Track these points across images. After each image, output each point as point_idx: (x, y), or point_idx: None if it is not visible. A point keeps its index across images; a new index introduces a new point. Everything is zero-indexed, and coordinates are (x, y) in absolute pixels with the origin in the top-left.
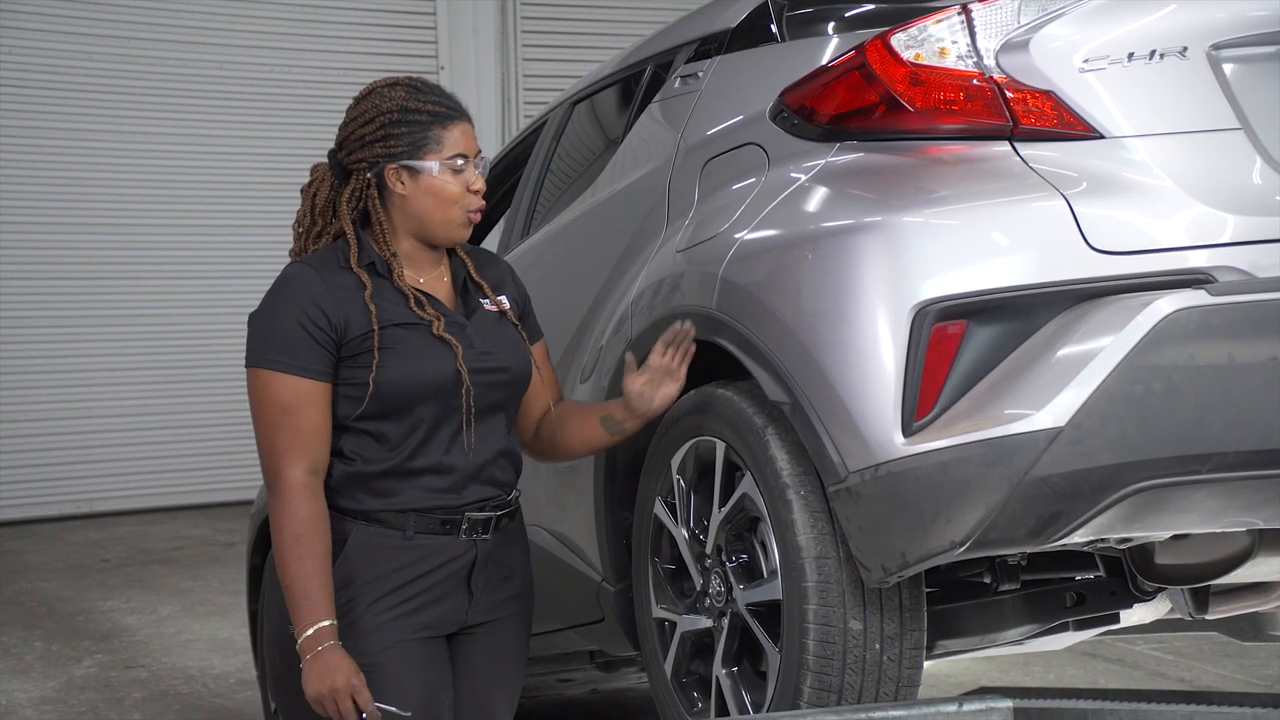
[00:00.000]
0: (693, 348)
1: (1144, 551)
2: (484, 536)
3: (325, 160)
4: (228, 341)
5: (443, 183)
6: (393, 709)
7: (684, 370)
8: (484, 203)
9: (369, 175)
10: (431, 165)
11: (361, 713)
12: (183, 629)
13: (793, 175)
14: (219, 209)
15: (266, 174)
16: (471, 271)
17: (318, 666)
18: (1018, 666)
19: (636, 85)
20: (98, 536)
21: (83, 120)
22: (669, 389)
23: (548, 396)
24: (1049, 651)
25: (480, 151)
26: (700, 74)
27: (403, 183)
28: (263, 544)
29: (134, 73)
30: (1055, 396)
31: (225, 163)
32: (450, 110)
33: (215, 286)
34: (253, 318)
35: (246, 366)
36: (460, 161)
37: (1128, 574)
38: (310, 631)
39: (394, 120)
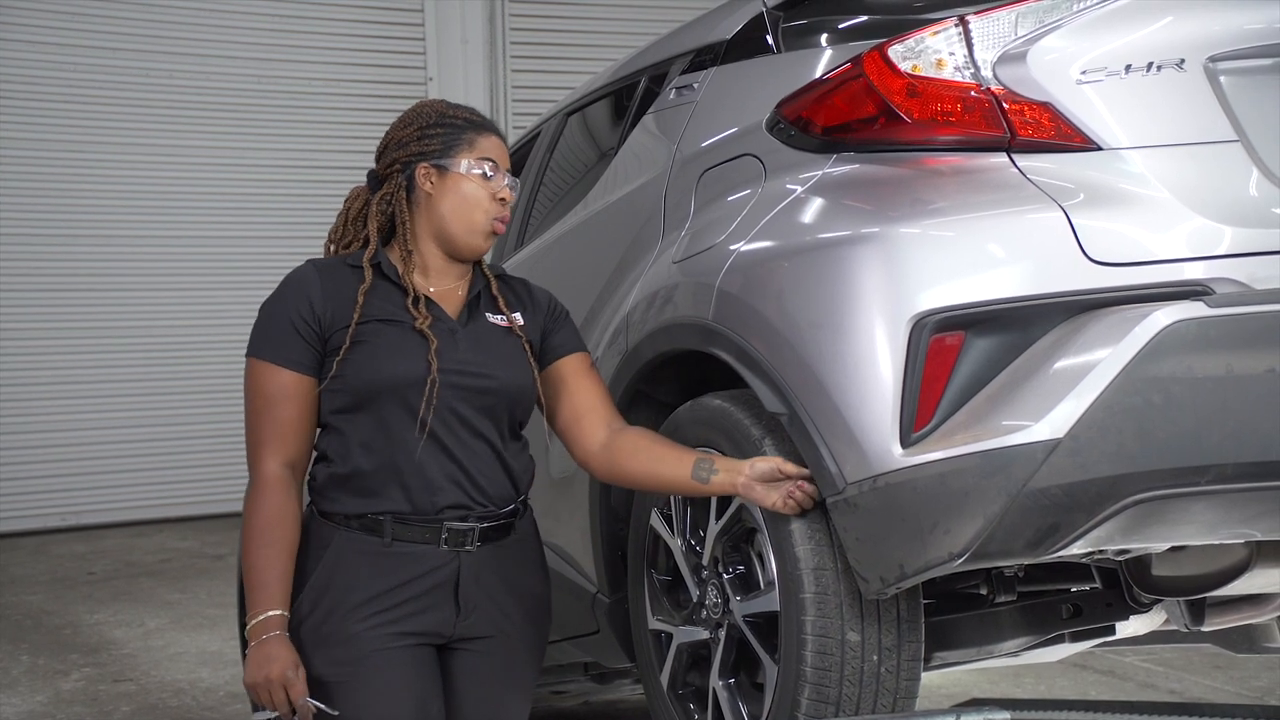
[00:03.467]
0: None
1: (1141, 563)
2: (467, 549)
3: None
4: (213, 352)
5: (470, 183)
6: (323, 706)
7: (791, 503)
8: (508, 215)
9: (401, 177)
10: (460, 164)
11: (294, 708)
12: (171, 642)
13: (789, 186)
14: (205, 221)
15: (254, 185)
16: (492, 285)
17: (258, 655)
18: (1008, 678)
19: (631, 97)
20: (84, 549)
21: (63, 132)
22: (772, 497)
23: (600, 408)
24: (1039, 663)
25: (511, 172)
26: (695, 85)
27: (431, 182)
28: None
29: (117, 84)
30: (1053, 408)
31: (213, 174)
32: (485, 122)
33: (201, 297)
34: (259, 311)
35: (245, 357)
36: (489, 167)
37: (1124, 586)
38: (259, 619)
39: (431, 123)
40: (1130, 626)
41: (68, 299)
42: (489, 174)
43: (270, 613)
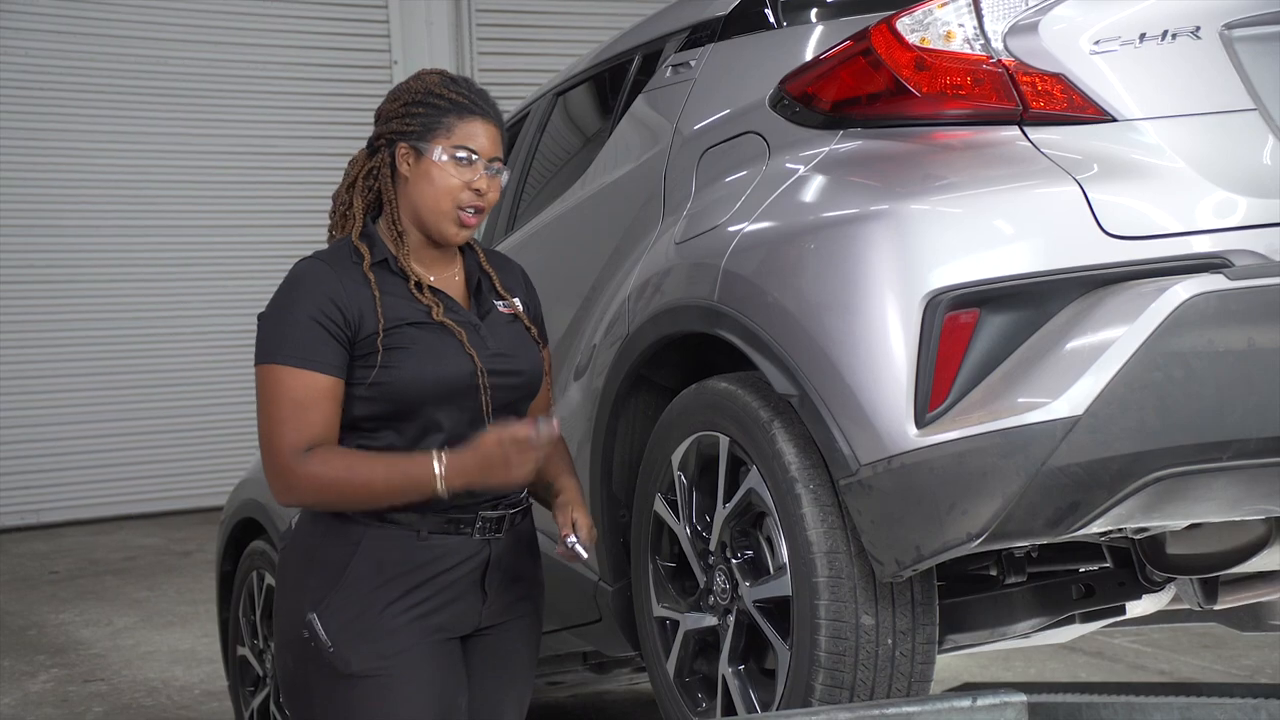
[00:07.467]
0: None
1: (1155, 542)
2: (497, 535)
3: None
4: (175, 345)
5: (441, 170)
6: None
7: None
8: (483, 205)
9: (386, 153)
10: (434, 150)
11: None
12: (141, 640)
13: (795, 164)
14: (165, 211)
15: (215, 172)
16: (484, 264)
17: (473, 476)
18: (997, 662)
19: (624, 75)
20: (44, 548)
21: (3, 119)
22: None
23: (543, 411)
24: (1028, 646)
25: (500, 160)
26: (693, 63)
27: (408, 164)
28: (234, 550)
29: (70, 69)
30: (1072, 385)
31: (171, 162)
32: (473, 104)
33: (160, 288)
34: (264, 315)
35: (257, 364)
36: (465, 154)
37: (1136, 565)
38: (438, 475)
39: (417, 100)
40: (1141, 606)
41: (18, 293)
42: (469, 160)
43: (433, 467)
